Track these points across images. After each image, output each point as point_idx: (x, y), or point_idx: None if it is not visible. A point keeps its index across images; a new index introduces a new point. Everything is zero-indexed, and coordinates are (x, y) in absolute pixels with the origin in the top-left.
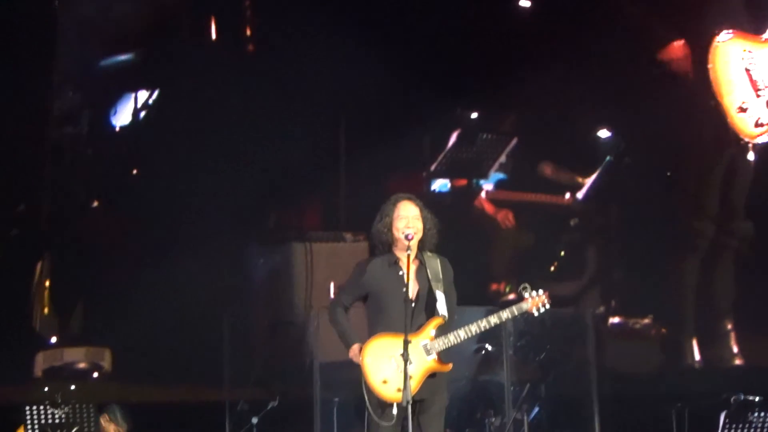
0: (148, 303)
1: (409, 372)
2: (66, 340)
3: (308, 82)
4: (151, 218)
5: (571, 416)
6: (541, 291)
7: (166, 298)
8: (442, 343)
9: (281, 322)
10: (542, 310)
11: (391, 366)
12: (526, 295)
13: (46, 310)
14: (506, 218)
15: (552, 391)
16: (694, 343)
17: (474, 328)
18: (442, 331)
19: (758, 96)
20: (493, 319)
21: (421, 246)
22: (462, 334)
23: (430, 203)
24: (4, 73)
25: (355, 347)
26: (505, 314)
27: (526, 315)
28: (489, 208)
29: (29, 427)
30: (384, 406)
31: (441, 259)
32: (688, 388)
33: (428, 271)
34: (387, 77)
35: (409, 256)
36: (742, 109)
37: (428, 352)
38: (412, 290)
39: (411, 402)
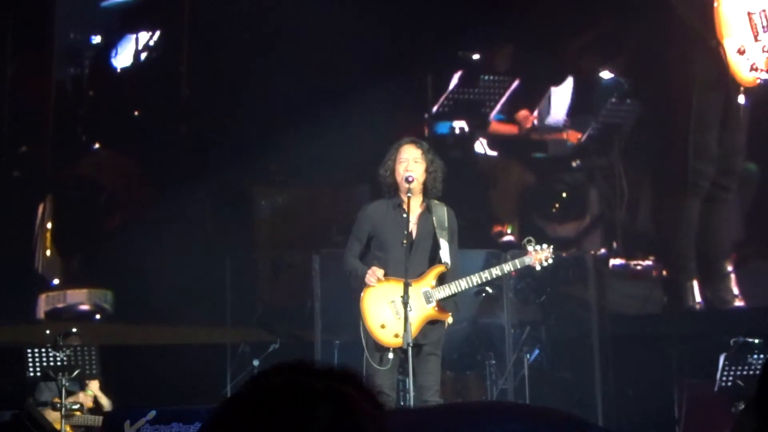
0: (150, 244)
1: (408, 318)
2: (68, 282)
3: (309, 25)
4: (153, 160)
5: (572, 358)
6: (545, 245)
7: (168, 240)
8: (443, 292)
9: (283, 264)
10: (545, 264)
11: (390, 311)
12: (531, 248)
13: (48, 252)
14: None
15: (552, 333)
16: (695, 284)
17: (476, 279)
18: (445, 279)
19: (757, 40)
20: (495, 271)
21: (427, 191)
22: (463, 283)
23: (431, 145)
24: (7, 13)
25: (372, 269)
26: (508, 267)
27: (529, 268)
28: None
29: (30, 368)
30: (381, 350)
31: (448, 209)
32: (688, 329)
33: (434, 217)
34: (389, 19)
35: (410, 198)
36: (741, 52)
37: (428, 300)
38: (415, 234)
39: (404, 346)
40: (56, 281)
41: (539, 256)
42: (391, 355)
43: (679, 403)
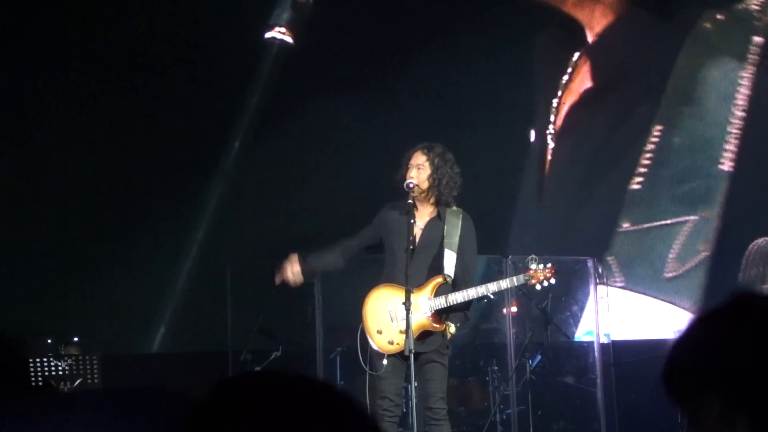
0: (152, 252)
1: (402, 326)
2: None
3: None
4: (155, 167)
5: (574, 363)
6: (549, 264)
7: (170, 248)
8: (440, 303)
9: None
10: (546, 284)
11: (386, 317)
12: (533, 267)
13: None
14: None
15: (554, 338)
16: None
17: (473, 293)
18: (445, 290)
19: None
20: (492, 287)
21: (437, 199)
22: (460, 297)
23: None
24: None
25: (289, 260)
26: (506, 283)
27: (529, 286)
28: None
29: (32, 378)
30: (376, 356)
31: (464, 217)
32: None
33: (445, 226)
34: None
35: (413, 204)
36: None
37: (424, 310)
38: (417, 241)
39: (405, 353)
40: None
41: (540, 275)
42: (385, 362)
43: None
